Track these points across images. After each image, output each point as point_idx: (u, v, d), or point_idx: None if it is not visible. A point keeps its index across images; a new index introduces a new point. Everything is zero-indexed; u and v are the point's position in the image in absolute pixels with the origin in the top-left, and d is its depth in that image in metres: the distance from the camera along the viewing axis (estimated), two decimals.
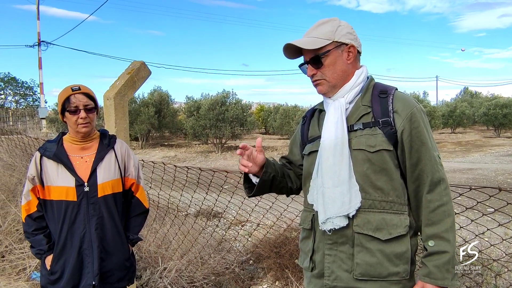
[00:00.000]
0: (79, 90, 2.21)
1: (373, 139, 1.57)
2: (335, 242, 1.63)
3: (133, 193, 2.45)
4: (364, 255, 1.57)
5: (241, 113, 20.20)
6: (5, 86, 42.59)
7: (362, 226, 1.57)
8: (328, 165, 1.61)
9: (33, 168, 2.26)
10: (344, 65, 1.66)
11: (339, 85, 1.67)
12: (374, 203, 1.57)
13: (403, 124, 1.57)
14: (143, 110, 21.55)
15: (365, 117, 1.62)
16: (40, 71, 31.19)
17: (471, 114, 30.27)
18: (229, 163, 15.66)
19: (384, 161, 1.57)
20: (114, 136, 2.44)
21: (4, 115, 30.13)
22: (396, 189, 1.59)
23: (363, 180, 1.58)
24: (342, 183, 1.57)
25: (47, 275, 2.27)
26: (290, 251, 4.03)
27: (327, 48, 1.64)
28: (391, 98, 1.61)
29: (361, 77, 1.68)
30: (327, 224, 1.61)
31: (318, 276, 1.69)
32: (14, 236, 4.47)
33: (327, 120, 1.66)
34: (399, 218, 1.58)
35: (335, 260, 1.63)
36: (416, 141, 1.56)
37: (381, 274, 1.56)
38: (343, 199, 1.57)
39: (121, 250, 2.35)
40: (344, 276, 1.61)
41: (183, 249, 4.09)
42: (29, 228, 2.29)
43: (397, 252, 1.56)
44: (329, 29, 1.65)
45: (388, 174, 1.58)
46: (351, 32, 1.68)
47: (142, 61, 3.42)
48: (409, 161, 1.58)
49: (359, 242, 1.58)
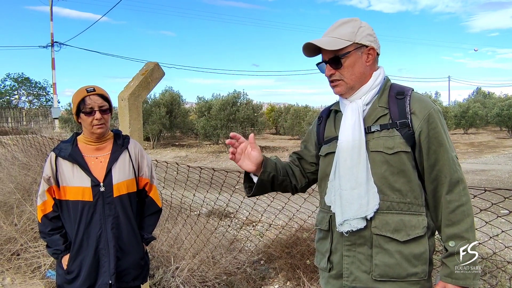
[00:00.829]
0: (93, 91, 2.22)
1: (391, 141, 1.57)
2: (354, 244, 1.63)
3: (146, 193, 2.47)
4: (383, 256, 1.57)
5: (252, 113, 20.21)
6: (19, 87, 43.21)
7: (381, 228, 1.57)
8: (345, 167, 1.61)
9: (48, 168, 2.28)
10: (362, 67, 1.65)
11: (356, 86, 1.66)
12: (392, 205, 1.57)
13: (420, 125, 1.56)
14: (155, 110, 21.65)
15: (383, 118, 1.62)
16: (53, 72, 31.59)
17: (484, 115, 29.92)
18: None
19: (402, 162, 1.57)
20: (127, 137, 2.46)
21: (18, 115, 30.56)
22: (414, 190, 1.59)
23: (381, 182, 1.58)
24: (360, 185, 1.57)
25: (63, 274, 2.30)
26: (301, 252, 4.03)
27: (348, 50, 1.63)
28: (408, 99, 1.60)
29: (379, 79, 1.67)
30: (345, 226, 1.61)
31: (336, 277, 1.69)
32: (29, 234, 4.53)
33: (345, 121, 1.65)
34: (417, 219, 1.58)
35: (353, 261, 1.63)
36: (434, 142, 1.56)
37: (400, 275, 1.56)
38: (360, 201, 1.57)
39: (136, 249, 2.37)
40: (363, 277, 1.61)
41: (195, 248, 4.12)
42: (45, 228, 2.31)
43: (416, 253, 1.56)
44: (350, 30, 1.64)
45: (406, 175, 1.58)
46: (372, 34, 1.67)
47: (156, 62, 3.45)
48: (427, 162, 1.57)
49: (377, 244, 1.58)
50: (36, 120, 29.60)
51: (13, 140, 7.61)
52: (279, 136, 29.91)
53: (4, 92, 42.62)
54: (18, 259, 4.39)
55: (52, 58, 31.03)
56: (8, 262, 4.39)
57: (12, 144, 7.44)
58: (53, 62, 31.24)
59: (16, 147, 7.13)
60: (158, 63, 3.43)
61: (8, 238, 4.53)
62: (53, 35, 31.00)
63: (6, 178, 5.44)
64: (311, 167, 1.90)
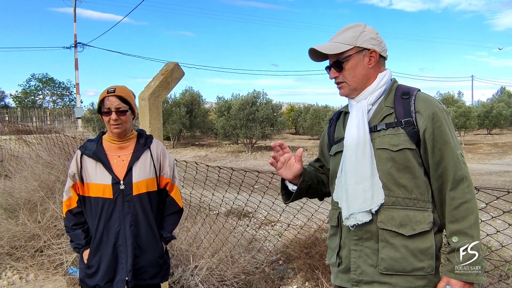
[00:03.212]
0: (113, 92, 2.29)
1: (396, 138, 1.63)
2: (361, 238, 1.68)
3: (167, 192, 2.50)
4: (389, 251, 1.62)
5: (271, 113, 20.22)
6: (43, 87, 44.15)
7: (386, 222, 1.62)
8: (351, 163, 1.68)
9: (74, 165, 2.37)
10: (364, 69, 1.72)
11: (360, 88, 1.74)
12: (398, 200, 1.62)
13: (425, 123, 1.61)
14: (175, 110, 21.85)
15: (388, 117, 1.68)
16: (76, 72, 32.12)
17: (509, 115, 29.31)
18: (260, 163, 15.70)
19: (407, 159, 1.61)
20: (150, 136, 2.50)
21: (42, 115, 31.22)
22: (419, 187, 1.63)
23: (387, 178, 1.63)
24: (364, 180, 1.64)
25: (84, 268, 2.37)
26: (320, 252, 4.01)
27: (348, 53, 1.71)
28: (413, 99, 1.66)
29: (384, 80, 1.73)
30: (350, 220, 1.68)
31: (344, 271, 1.75)
32: (52, 231, 4.62)
33: (350, 121, 1.73)
34: (422, 214, 1.62)
35: (360, 255, 1.69)
36: (439, 140, 1.60)
37: (405, 268, 1.60)
38: (365, 195, 1.63)
39: (154, 248, 2.40)
40: (369, 270, 1.66)
41: (214, 247, 4.14)
42: (69, 223, 2.40)
43: (421, 248, 1.60)
44: (352, 35, 1.72)
45: (411, 172, 1.62)
46: (375, 38, 1.73)
47: (176, 62, 3.47)
48: (432, 159, 1.61)
49: (383, 238, 1.63)
50: (60, 120, 30.16)
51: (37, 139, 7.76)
52: (298, 136, 29.87)
53: (29, 92, 43.61)
54: (41, 256, 4.48)
55: (75, 58, 31.59)
56: (32, 259, 4.49)
57: (36, 143, 7.59)
58: (76, 63, 31.80)
59: (40, 146, 7.27)
60: (178, 63, 3.46)
61: (32, 235, 4.63)
62: (76, 36, 31.60)
63: (30, 176, 5.55)
64: None
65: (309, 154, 17.60)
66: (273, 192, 3.68)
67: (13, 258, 4.55)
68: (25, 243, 4.61)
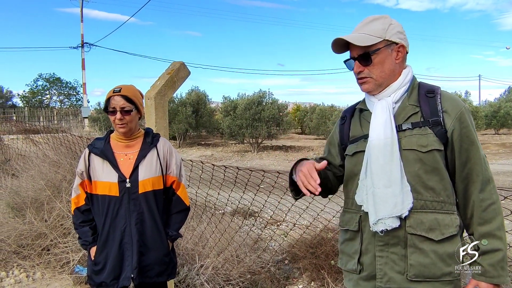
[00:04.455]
0: (119, 92, 2.31)
1: (424, 139, 1.56)
2: (387, 244, 1.61)
3: (174, 191, 2.50)
4: (418, 256, 1.56)
5: (277, 113, 20.19)
6: (50, 86, 44.39)
7: (416, 227, 1.56)
8: (378, 165, 1.59)
9: (82, 163, 2.40)
10: (392, 64, 1.63)
11: (385, 84, 1.65)
12: (426, 204, 1.56)
13: (453, 123, 1.56)
14: (181, 110, 21.88)
15: (414, 116, 1.61)
16: (83, 72, 32.31)
17: None
18: (265, 163, 15.69)
19: (435, 160, 1.56)
20: (157, 135, 2.52)
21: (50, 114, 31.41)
22: (446, 189, 1.58)
23: (415, 180, 1.56)
24: (394, 184, 1.56)
25: (91, 265, 2.40)
26: (326, 252, 4.00)
27: (378, 46, 1.61)
28: (439, 98, 1.60)
29: (408, 77, 1.66)
30: (379, 225, 1.59)
31: (367, 278, 1.67)
32: (59, 230, 4.64)
33: (375, 119, 1.64)
34: (450, 218, 1.57)
35: (387, 262, 1.61)
36: (466, 140, 1.56)
37: (435, 274, 1.55)
38: (395, 200, 1.55)
39: (160, 246, 2.41)
40: (397, 277, 1.59)
41: (220, 247, 4.14)
42: (77, 220, 2.43)
43: (450, 252, 1.56)
44: (381, 27, 1.62)
45: (439, 174, 1.57)
46: (401, 32, 1.65)
47: (182, 62, 3.48)
48: (459, 160, 1.57)
49: (412, 243, 1.57)
50: (67, 119, 30.32)
51: (44, 138, 7.80)
52: (304, 136, 29.81)
53: (37, 92, 43.87)
54: (48, 254, 4.50)
55: (82, 58, 31.78)
56: (39, 257, 4.52)
57: (43, 142, 7.63)
58: (83, 63, 31.99)
59: (47, 145, 7.30)
60: (183, 63, 3.46)
61: (39, 234, 4.65)
62: (83, 36, 31.77)
63: (37, 175, 5.58)
64: (339, 171, 1.88)
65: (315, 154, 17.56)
66: (279, 192, 3.67)
67: (20, 257, 4.58)
68: (32, 242, 4.64)
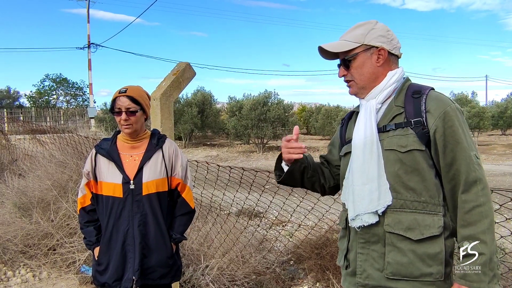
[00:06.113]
0: (124, 92, 2.31)
1: (404, 139, 1.57)
2: (368, 241, 1.65)
3: (179, 193, 2.49)
4: (395, 255, 1.58)
5: (282, 113, 20.18)
6: (57, 87, 44.65)
7: (393, 226, 1.58)
8: (358, 163, 1.65)
9: (88, 164, 2.41)
10: (372, 67, 1.68)
11: (368, 86, 1.70)
12: (406, 203, 1.57)
13: (435, 123, 1.55)
14: (187, 110, 21.92)
15: (398, 117, 1.63)
16: (89, 72, 32.46)
17: None
18: (271, 163, 15.67)
19: (415, 161, 1.56)
20: (163, 136, 2.51)
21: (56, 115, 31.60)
22: (429, 190, 1.57)
23: (394, 180, 1.58)
24: (371, 181, 1.60)
25: (95, 265, 2.41)
26: (331, 253, 3.99)
27: (355, 51, 1.68)
28: (424, 98, 1.60)
29: (394, 78, 1.67)
30: (356, 221, 1.64)
31: (351, 274, 1.71)
32: (65, 230, 4.66)
33: (358, 121, 1.70)
34: (432, 218, 1.56)
35: (367, 259, 1.65)
36: (450, 140, 1.53)
37: (412, 274, 1.55)
38: (371, 196, 1.59)
39: (163, 248, 2.39)
40: (375, 274, 1.62)
41: (225, 247, 4.14)
42: (82, 220, 2.44)
43: (430, 253, 1.55)
44: (361, 33, 1.68)
45: (420, 174, 1.56)
46: (384, 35, 1.68)
47: (187, 62, 3.48)
48: (444, 161, 1.55)
49: (390, 242, 1.59)
50: (73, 120, 30.46)
51: (51, 138, 7.83)
52: (310, 136, 29.76)
53: (43, 92, 44.14)
54: (54, 254, 4.52)
55: (88, 59, 31.93)
56: (45, 257, 4.54)
57: (50, 142, 7.66)
58: (90, 63, 32.14)
59: (53, 145, 7.33)
60: (189, 63, 3.47)
61: (45, 234, 4.68)
62: (90, 36, 31.92)
63: (43, 175, 5.61)
64: (337, 170, 1.93)
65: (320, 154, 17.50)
66: (284, 193, 3.67)
67: (27, 256, 4.61)
68: (38, 242, 4.67)
